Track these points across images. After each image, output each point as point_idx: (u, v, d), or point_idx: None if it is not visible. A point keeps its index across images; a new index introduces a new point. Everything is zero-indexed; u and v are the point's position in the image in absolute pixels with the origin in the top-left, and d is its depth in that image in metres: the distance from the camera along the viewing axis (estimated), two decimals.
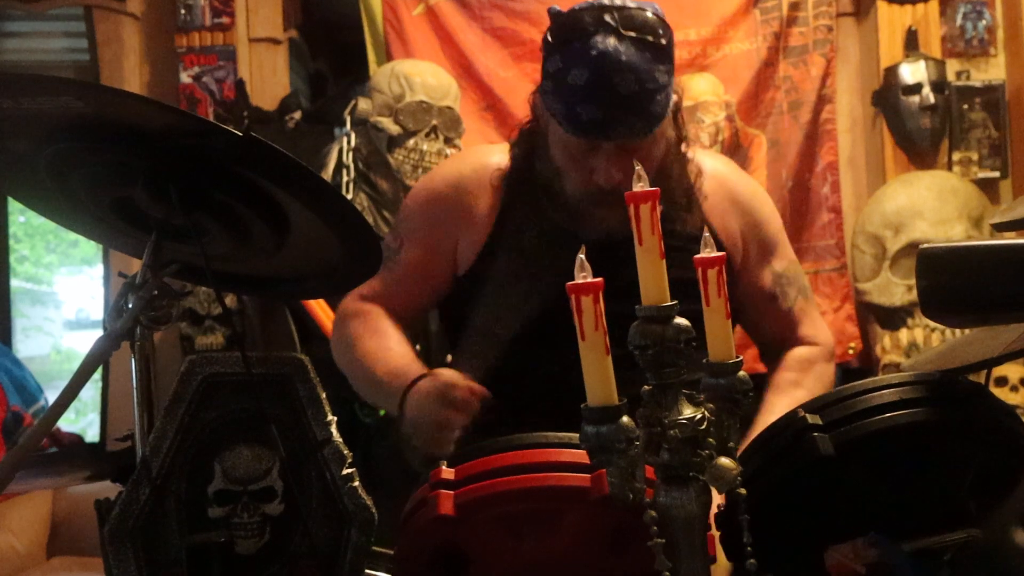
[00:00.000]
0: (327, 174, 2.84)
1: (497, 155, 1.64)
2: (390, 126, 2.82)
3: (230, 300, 3.02)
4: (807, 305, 1.69)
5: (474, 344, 1.61)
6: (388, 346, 1.58)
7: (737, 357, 0.85)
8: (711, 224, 1.58)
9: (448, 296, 1.65)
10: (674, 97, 1.48)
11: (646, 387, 0.82)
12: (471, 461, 1.03)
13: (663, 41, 1.40)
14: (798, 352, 1.66)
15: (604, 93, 1.37)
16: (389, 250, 1.63)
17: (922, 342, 3.14)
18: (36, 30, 3.63)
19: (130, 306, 1.10)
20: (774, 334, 1.68)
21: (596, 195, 1.46)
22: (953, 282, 0.99)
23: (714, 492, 0.82)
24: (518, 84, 3.24)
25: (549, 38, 1.45)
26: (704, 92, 3.03)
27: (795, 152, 3.31)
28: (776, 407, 1.51)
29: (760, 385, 1.54)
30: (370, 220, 2.81)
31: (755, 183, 1.77)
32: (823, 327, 1.72)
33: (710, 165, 1.63)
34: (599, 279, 0.77)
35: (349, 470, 1.10)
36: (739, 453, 1.06)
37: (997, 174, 3.35)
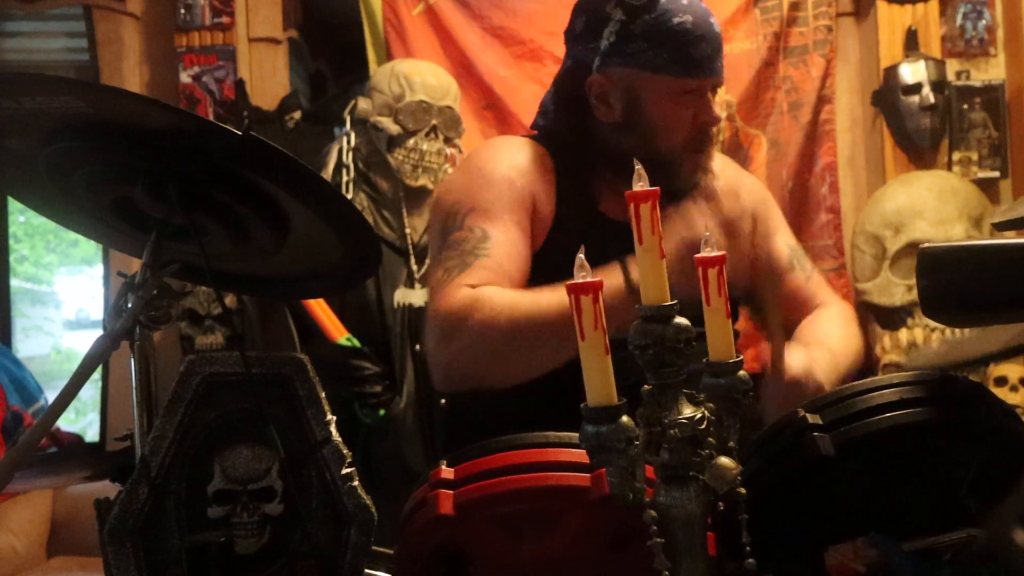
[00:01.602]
0: (327, 174, 2.84)
1: (530, 146, 1.63)
2: (390, 126, 2.82)
3: (230, 300, 3.02)
4: (821, 279, 1.78)
5: None
6: (542, 291, 1.42)
7: (737, 356, 0.85)
8: (721, 202, 1.65)
9: None
10: None
11: (646, 387, 0.82)
12: (471, 461, 1.03)
13: None
14: (831, 308, 1.73)
15: (708, 32, 1.53)
16: (470, 241, 1.49)
17: (922, 342, 3.14)
18: (36, 30, 3.63)
19: (130, 306, 1.10)
20: (794, 307, 1.72)
21: (699, 137, 1.57)
22: (953, 282, 0.99)
23: None
24: (518, 83, 3.25)
25: (627, 4, 1.51)
26: None
27: (795, 152, 3.31)
28: (815, 333, 1.63)
29: (760, 384, 1.54)
30: (370, 220, 2.81)
31: (755, 178, 1.90)
32: (840, 298, 1.83)
33: (717, 157, 1.73)
34: (598, 279, 0.77)
35: (348, 470, 1.10)
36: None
37: (997, 174, 3.35)
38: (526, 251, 1.52)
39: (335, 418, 1.12)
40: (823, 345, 1.60)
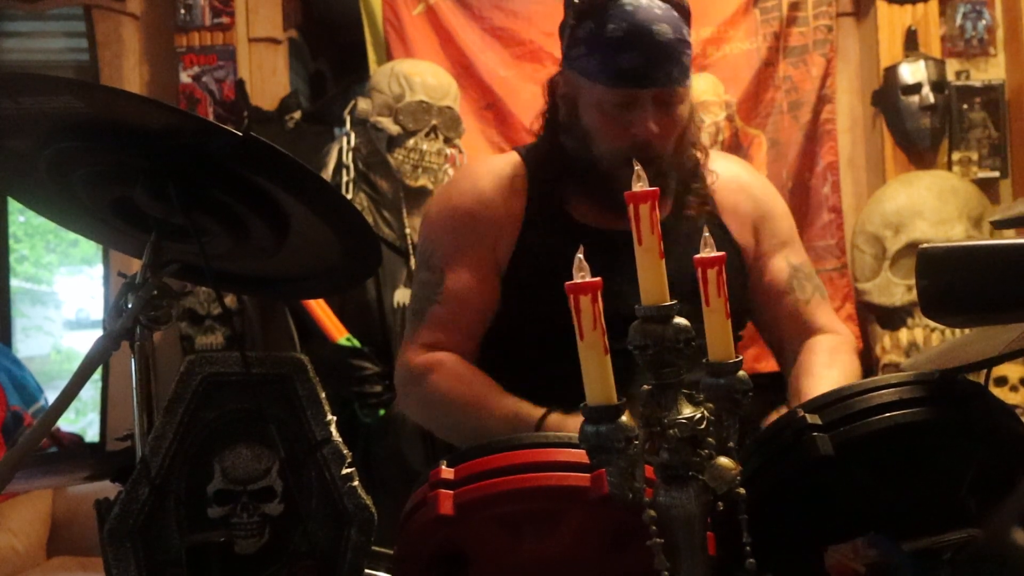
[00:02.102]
0: (327, 174, 2.84)
1: (506, 164, 1.64)
2: (390, 126, 2.82)
3: (230, 300, 3.02)
4: (824, 303, 1.66)
5: (504, 352, 1.59)
6: (485, 393, 1.50)
7: (737, 357, 0.85)
8: (722, 212, 1.63)
9: None
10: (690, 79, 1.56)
11: (646, 387, 0.82)
12: (471, 461, 1.03)
13: (685, 5, 1.52)
14: (823, 339, 1.60)
15: (643, 41, 1.45)
16: (429, 286, 1.58)
17: (922, 342, 3.14)
18: (36, 30, 3.63)
19: (130, 306, 1.10)
20: (790, 330, 1.63)
21: (632, 153, 1.45)
22: (953, 282, 0.99)
23: None
24: (518, 83, 3.25)
25: (577, 5, 1.51)
26: (704, 92, 3.02)
27: (795, 152, 3.31)
28: (812, 393, 1.43)
29: (760, 385, 1.53)
30: (370, 220, 2.81)
31: (767, 181, 1.79)
32: (842, 324, 1.70)
33: (722, 161, 1.69)
34: (597, 279, 0.78)
35: (349, 470, 1.10)
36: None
37: (997, 174, 3.35)
38: (482, 287, 1.56)
39: (335, 418, 1.12)
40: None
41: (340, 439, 1.11)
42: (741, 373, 0.84)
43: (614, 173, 1.50)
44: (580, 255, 0.79)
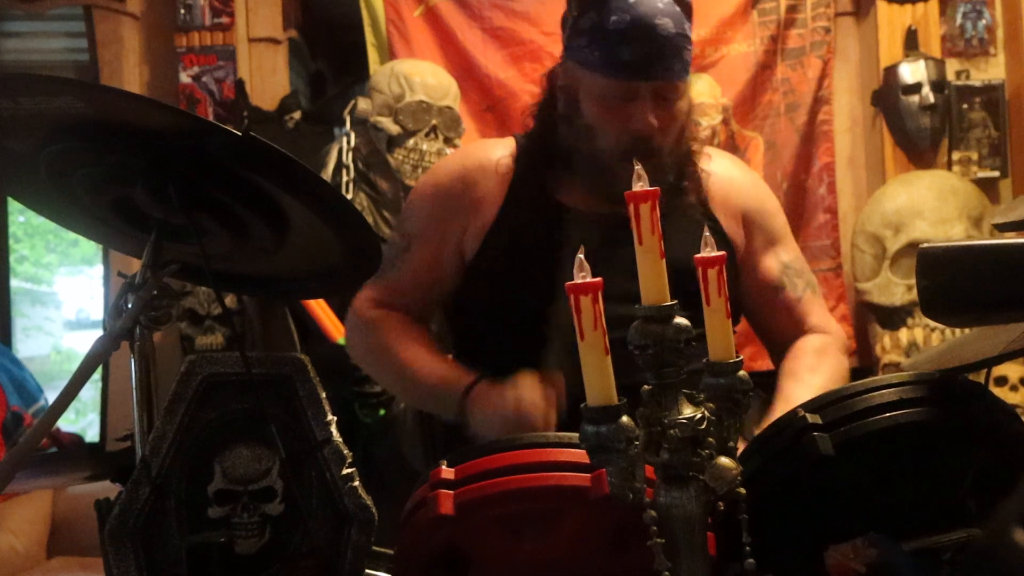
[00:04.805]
0: (327, 174, 2.84)
1: (500, 147, 1.66)
2: (390, 126, 2.82)
3: (230, 300, 3.02)
4: (816, 298, 1.68)
5: (477, 330, 1.63)
6: (425, 354, 1.60)
7: (737, 356, 0.85)
8: (712, 205, 1.64)
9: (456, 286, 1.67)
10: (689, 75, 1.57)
11: (646, 387, 0.82)
12: (471, 461, 1.03)
13: (688, 1, 1.52)
14: (811, 340, 1.63)
15: (645, 34, 1.45)
16: (396, 248, 1.65)
17: (922, 342, 3.14)
18: (36, 30, 3.63)
19: (130, 306, 1.10)
20: (783, 327, 1.65)
21: (632, 146, 1.49)
22: (953, 282, 0.99)
23: None
24: (518, 85, 3.25)
25: None
26: (701, 94, 3.02)
27: (792, 153, 3.31)
28: (795, 395, 1.47)
29: (760, 384, 1.53)
30: (370, 220, 2.81)
31: (760, 179, 1.81)
32: (833, 322, 1.72)
33: (717, 158, 1.70)
34: (598, 279, 0.77)
35: (349, 470, 1.10)
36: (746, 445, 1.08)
37: (997, 174, 3.35)
38: (439, 266, 1.63)
39: (335, 418, 1.12)
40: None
41: (340, 439, 1.11)
42: (741, 373, 0.84)
43: (612, 166, 1.51)
44: (581, 255, 0.79)
